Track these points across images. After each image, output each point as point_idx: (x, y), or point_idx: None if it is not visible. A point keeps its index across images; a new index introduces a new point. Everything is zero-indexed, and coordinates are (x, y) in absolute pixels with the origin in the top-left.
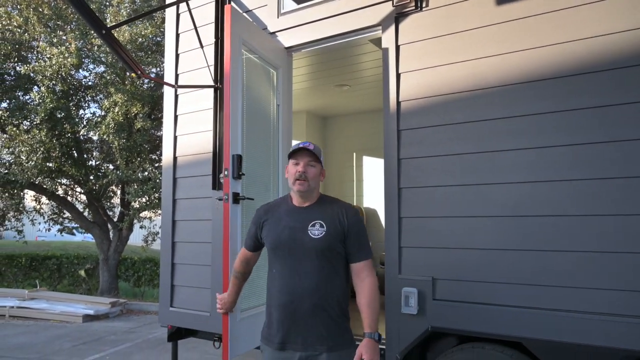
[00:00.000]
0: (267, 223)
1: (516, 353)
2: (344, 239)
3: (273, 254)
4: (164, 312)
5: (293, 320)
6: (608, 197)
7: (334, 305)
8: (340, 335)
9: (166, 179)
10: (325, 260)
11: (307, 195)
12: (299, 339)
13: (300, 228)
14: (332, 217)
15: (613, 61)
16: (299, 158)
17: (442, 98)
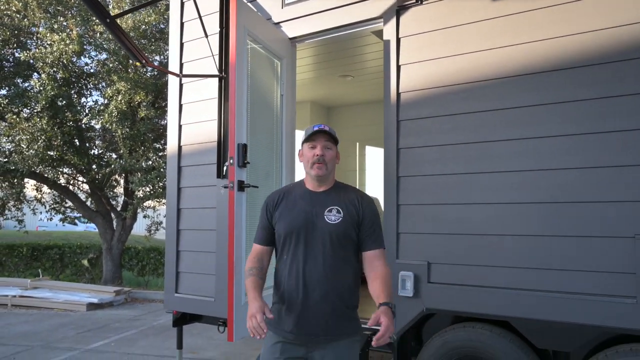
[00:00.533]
0: (280, 207)
1: (504, 331)
2: (358, 226)
3: (286, 239)
4: (170, 298)
5: (304, 306)
6: (594, 185)
7: (346, 292)
8: (349, 323)
9: (171, 167)
10: (339, 247)
11: (325, 179)
12: (309, 327)
13: (316, 213)
14: (348, 203)
15: (602, 56)
16: (317, 140)
17: (440, 90)
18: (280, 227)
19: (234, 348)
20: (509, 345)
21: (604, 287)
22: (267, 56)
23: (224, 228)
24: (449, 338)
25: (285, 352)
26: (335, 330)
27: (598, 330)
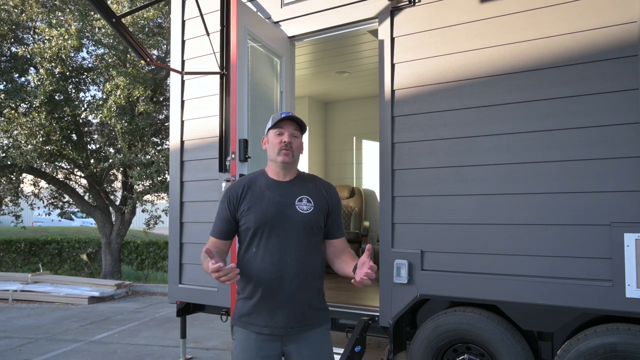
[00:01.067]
0: (246, 199)
1: (492, 315)
2: (327, 215)
3: (256, 232)
4: (174, 289)
5: (281, 299)
6: (573, 177)
7: (317, 281)
8: (321, 312)
9: (174, 162)
10: (311, 236)
11: (290, 167)
12: (285, 319)
13: (286, 203)
14: (317, 192)
15: (580, 56)
16: (284, 127)
17: (432, 87)
18: (249, 220)
19: None
20: (496, 327)
21: (583, 271)
22: (266, 55)
23: None
24: (441, 322)
25: (260, 349)
26: (309, 320)
27: (578, 311)
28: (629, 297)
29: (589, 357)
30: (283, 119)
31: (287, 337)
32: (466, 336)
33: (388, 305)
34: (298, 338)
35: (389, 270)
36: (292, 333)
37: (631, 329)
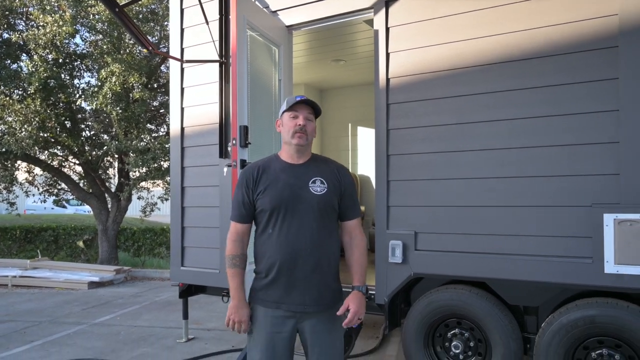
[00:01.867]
0: (261, 182)
1: (481, 291)
2: (340, 196)
3: (272, 213)
4: (176, 271)
5: (297, 278)
6: (558, 161)
7: (331, 261)
8: (334, 293)
9: (174, 148)
10: (325, 217)
11: (304, 150)
12: (301, 297)
13: (300, 185)
14: (330, 174)
15: (566, 47)
16: (299, 111)
17: (426, 76)
18: (265, 202)
19: None
20: (485, 303)
21: (565, 249)
22: (265, 43)
23: (227, 204)
24: (434, 298)
25: (276, 325)
26: (324, 300)
27: (561, 287)
28: (607, 273)
29: (570, 328)
30: (298, 102)
31: (301, 315)
32: (457, 312)
33: (383, 283)
34: (312, 316)
35: (384, 251)
36: (307, 311)
37: (609, 302)
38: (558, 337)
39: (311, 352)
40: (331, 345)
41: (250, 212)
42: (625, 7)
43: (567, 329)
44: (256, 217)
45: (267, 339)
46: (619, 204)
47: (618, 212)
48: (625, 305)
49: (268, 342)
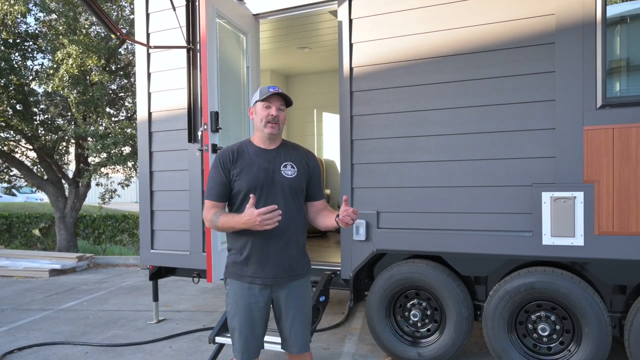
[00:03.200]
0: (237, 165)
1: (437, 264)
2: (308, 179)
3: (247, 194)
4: (145, 254)
5: (266, 253)
6: (503, 145)
7: (300, 236)
8: (303, 264)
9: (142, 133)
10: (295, 198)
11: (275, 137)
12: (276, 270)
13: (273, 169)
14: (299, 159)
15: (510, 42)
16: (272, 102)
17: (386, 66)
18: (242, 184)
19: (205, 300)
20: (440, 274)
21: (509, 224)
22: (233, 31)
23: (196, 188)
24: (395, 272)
25: (252, 297)
26: (296, 271)
27: (505, 258)
28: (545, 244)
29: (514, 294)
30: (272, 95)
31: (276, 286)
32: (416, 284)
33: (348, 260)
34: (285, 286)
35: (348, 229)
36: (281, 282)
37: (546, 270)
38: (503, 303)
39: (285, 317)
40: (303, 311)
41: (226, 192)
42: (561, 7)
43: (511, 295)
44: (231, 198)
45: (245, 309)
46: (555, 184)
47: (554, 191)
48: (560, 273)
49: (247, 312)
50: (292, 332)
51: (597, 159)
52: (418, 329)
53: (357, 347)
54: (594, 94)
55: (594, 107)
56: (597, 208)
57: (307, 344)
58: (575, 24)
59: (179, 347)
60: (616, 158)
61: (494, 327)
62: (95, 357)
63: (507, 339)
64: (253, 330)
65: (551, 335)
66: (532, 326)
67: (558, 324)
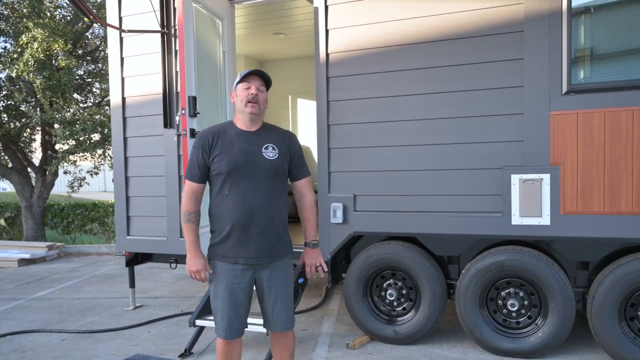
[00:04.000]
0: (218, 146)
1: (412, 245)
2: (290, 160)
3: (228, 175)
4: (122, 241)
5: (249, 234)
6: (474, 130)
7: (282, 218)
8: (285, 245)
9: (116, 118)
10: (277, 179)
11: (257, 118)
12: (253, 252)
13: (254, 151)
14: (280, 141)
15: (479, 30)
16: (251, 82)
17: (361, 52)
18: (221, 166)
19: (181, 287)
20: (415, 255)
21: (480, 206)
22: (209, 16)
23: (173, 173)
24: (371, 253)
25: (235, 277)
26: (277, 251)
27: (477, 238)
28: (514, 224)
29: (485, 272)
30: (250, 74)
31: (258, 266)
32: (392, 264)
33: (326, 242)
34: (267, 266)
35: (326, 213)
36: (263, 262)
37: (515, 249)
38: (475, 281)
39: (267, 297)
40: (286, 290)
41: (204, 173)
42: None
43: (482, 273)
44: (212, 180)
45: (228, 290)
46: (523, 166)
47: (522, 173)
48: (527, 251)
49: (230, 293)
50: (275, 310)
51: (563, 142)
52: (394, 308)
53: (335, 327)
54: (559, 80)
55: (560, 93)
56: (563, 189)
57: (290, 321)
58: (543, 13)
59: (158, 331)
60: (580, 142)
61: (467, 304)
62: (73, 344)
63: (478, 314)
64: (236, 310)
65: (520, 310)
66: (502, 302)
67: (526, 299)
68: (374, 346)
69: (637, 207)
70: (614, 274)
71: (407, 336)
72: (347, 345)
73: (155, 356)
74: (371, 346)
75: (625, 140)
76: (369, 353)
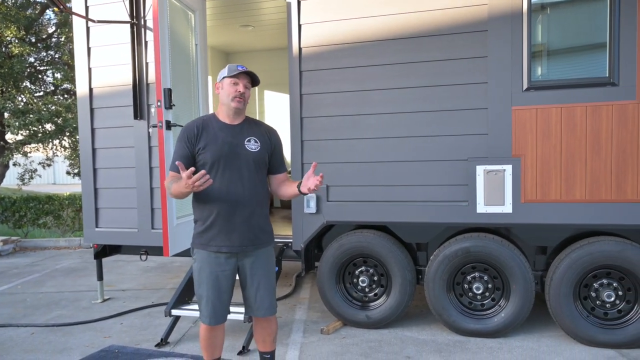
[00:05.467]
0: (202, 138)
1: (383, 233)
2: (270, 154)
3: (212, 167)
4: (90, 233)
5: (232, 223)
6: (440, 123)
7: (264, 207)
8: (267, 234)
9: (82, 109)
10: (259, 171)
11: (241, 112)
12: (236, 241)
13: (237, 143)
14: (262, 134)
15: (448, 28)
16: (240, 79)
17: (333, 47)
18: (206, 157)
19: (149, 279)
20: (386, 242)
21: (447, 195)
22: (182, 9)
23: (144, 165)
24: (344, 242)
25: (219, 265)
26: (260, 240)
27: (444, 225)
28: (479, 212)
29: (451, 257)
30: (241, 72)
31: (241, 254)
32: (363, 252)
33: (300, 232)
34: (250, 254)
35: (300, 203)
36: (246, 251)
37: (479, 236)
38: (442, 266)
39: (250, 283)
40: (268, 277)
41: (190, 165)
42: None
43: (449, 259)
44: (196, 171)
45: (212, 278)
46: (487, 158)
47: (487, 164)
48: (491, 237)
49: (214, 280)
50: (258, 297)
51: (524, 135)
52: (366, 294)
53: (307, 314)
54: (520, 77)
55: (521, 90)
56: (523, 179)
57: (273, 307)
58: (505, 14)
59: (131, 323)
60: (539, 135)
61: (435, 289)
62: (43, 337)
63: (446, 298)
64: (220, 297)
65: (484, 293)
66: (468, 286)
67: (490, 283)
68: (347, 331)
69: (590, 195)
70: (569, 257)
71: (379, 320)
72: (321, 330)
73: (132, 347)
74: (344, 331)
75: (580, 134)
76: (343, 337)
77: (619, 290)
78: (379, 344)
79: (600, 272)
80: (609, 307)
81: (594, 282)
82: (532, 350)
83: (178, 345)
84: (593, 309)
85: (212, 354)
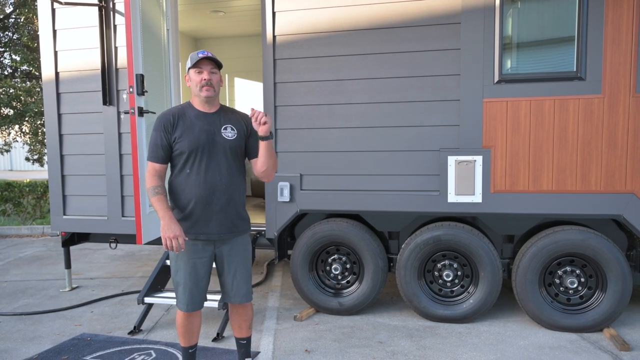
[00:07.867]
0: (179, 127)
1: (356, 222)
2: (246, 140)
3: (190, 155)
4: (57, 220)
5: (210, 211)
6: (414, 114)
7: (241, 194)
8: (244, 222)
9: (48, 94)
10: (236, 158)
11: (213, 100)
12: (214, 229)
13: (214, 131)
14: (238, 122)
15: (422, 20)
16: (203, 66)
17: (308, 36)
18: (183, 145)
19: (117, 267)
20: (359, 231)
21: (419, 185)
22: None
23: (113, 152)
24: (317, 230)
25: (196, 252)
26: (237, 227)
27: (416, 214)
28: (450, 202)
29: (423, 246)
30: (202, 59)
31: (219, 242)
32: (336, 240)
33: (273, 220)
34: (227, 242)
35: (273, 192)
36: (224, 238)
37: (450, 224)
38: (414, 254)
39: (227, 271)
40: (245, 264)
41: (167, 154)
42: None
43: (421, 247)
44: (173, 159)
45: (190, 265)
46: (459, 149)
47: (458, 155)
48: (462, 226)
49: (191, 267)
50: (235, 284)
51: (494, 127)
52: (339, 281)
53: (280, 302)
54: (492, 70)
55: (492, 82)
56: (493, 170)
57: (249, 294)
58: (478, 7)
59: (101, 311)
60: (509, 127)
61: (406, 276)
62: (11, 326)
63: (417, 285)
64: (197, 284)
65: (454, 280)
66: (438, 273)
67: (459, 270)
68: (320, 317)
69: (556, 186)
70: (535, 245)
71: (351, 307)
72: (294, 317)
73: (104, 334)
74: (317, 317)
75: (548, 126)
76: (316, 324)
77: (581, 277)
78: (351, 330)
79: (565, 259)
80: (572, 293)
81: (558, 270)
82: (499, 335)
83: (151, 333)
84: (557, 295)
85: (189, 341)
